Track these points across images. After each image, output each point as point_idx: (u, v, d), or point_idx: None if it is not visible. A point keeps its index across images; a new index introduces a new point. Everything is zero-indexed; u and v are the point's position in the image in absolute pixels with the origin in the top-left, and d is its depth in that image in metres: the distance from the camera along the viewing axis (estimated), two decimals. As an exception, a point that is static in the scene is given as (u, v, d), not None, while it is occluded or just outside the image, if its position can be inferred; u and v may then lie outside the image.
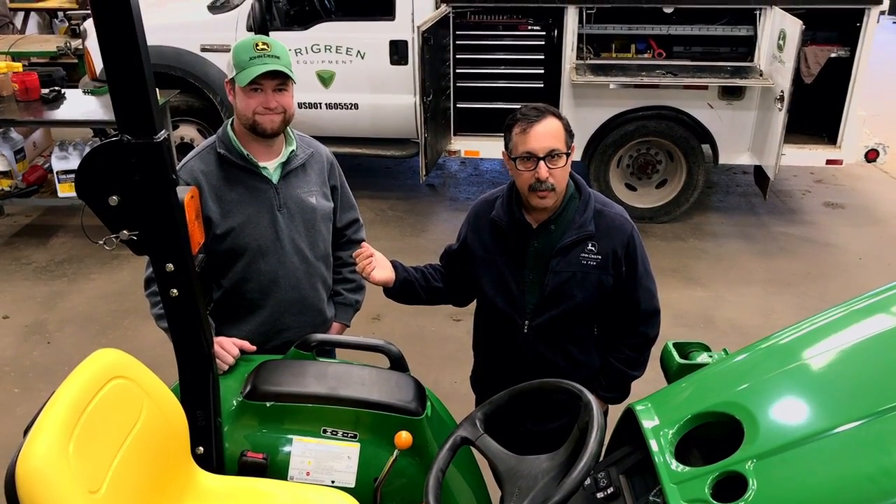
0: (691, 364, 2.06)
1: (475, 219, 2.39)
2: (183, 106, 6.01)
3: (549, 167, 2.12)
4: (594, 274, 2.24)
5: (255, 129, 2.33)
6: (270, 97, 2.30)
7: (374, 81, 5.88)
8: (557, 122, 2.16)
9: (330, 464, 2.05)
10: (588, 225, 2.23)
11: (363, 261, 2.26)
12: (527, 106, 2.19)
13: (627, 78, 5.56)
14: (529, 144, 2.13)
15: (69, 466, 1.47)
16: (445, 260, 2.49)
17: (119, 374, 1.72)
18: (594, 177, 5.92)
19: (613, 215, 2.28)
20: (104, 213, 1.71)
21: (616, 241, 2.25)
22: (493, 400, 1.85)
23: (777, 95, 5.20)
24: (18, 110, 5.43)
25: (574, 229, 2.23)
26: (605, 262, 2.24)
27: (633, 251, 2.27)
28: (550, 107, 2.21)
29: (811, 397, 1.64)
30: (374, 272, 2.25)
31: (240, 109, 2.33)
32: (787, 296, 5.00)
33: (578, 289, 2.25)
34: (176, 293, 1.80)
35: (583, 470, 1.45)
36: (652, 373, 2.43)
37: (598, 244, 2.23)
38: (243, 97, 2.30)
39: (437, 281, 2.44)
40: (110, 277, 5.16)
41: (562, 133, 2.16)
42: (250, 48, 2.27)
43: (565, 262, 2.23)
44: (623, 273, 2.27)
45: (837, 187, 6.77)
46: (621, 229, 2.26)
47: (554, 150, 2.13)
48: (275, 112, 2.32)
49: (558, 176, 2.15)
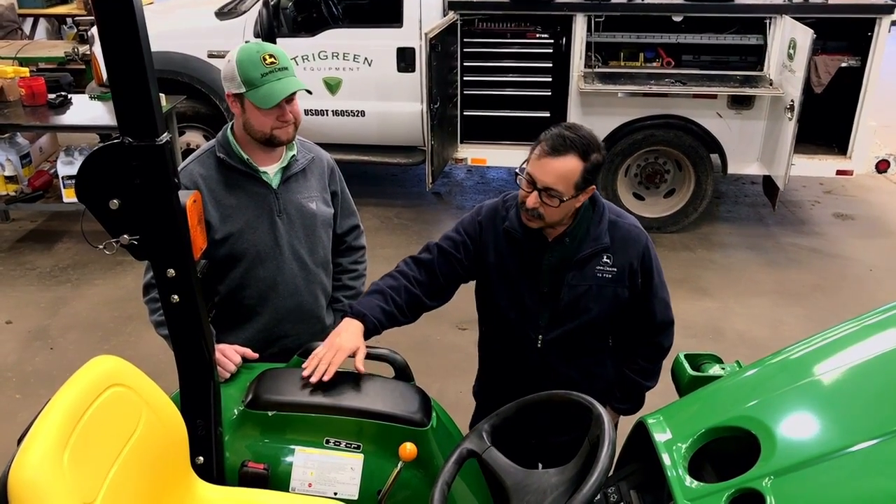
0: (703, 376, 2.01)
1: (482, 227, 2.29)
2: (189, 112, 5.98)
3: (541, 199, 2.07)
4: (610, 287, 2.20)
5: (272, 141, 2.32)
6: (286, 111, 2.28)
7: (381, 89, 5.85)
8: (577, 163, 2.05)
9: (333, 475, 2.01)
10: (603, 237, 2.19)
11: (318, 372, 2.06)
12: (563, 132, 2.06)
13: (636, 86, 5.53)
14: (535, 171, 2.08)
15: (63, 477, 1.43)
16: (435, 260, 2.29)
17: (117, 382, 1.68)
18: (602, 186, 5.87)
19: (628, 227, 2.24)
20: (104, 216, 1.68)
21: (632, 253, 2.21)
22: (501, 412, 1.80)
23: (787, 105, 5.15)
24: (25, 115, 5.42)
25: (590, 242, 2.19)
26: (620, 274, 2.20)
27: (648, 263, 2.24)
28: (586, 140, 2.07)
29: (828, 413, 1.58)
30: (335, 363, 2.07)
31: (254, 126, 2.29)
32: (797, 307, 4.94)
33: (594, 302, 2.21)
34: (177, 299, 1.77)
35: (594, 485, 1.40)
36: (661, 385, 2.38)
37: (614, 257, 2.20)
38: (259, 115, 2.26)
39: (416, 288, 2.25)
40: (114, 283, 5.13)
41: (574, 176, 2.05)
42: (258, 62, 2.21)
43: (581, 275, 2.20)
44: (639, 285, 2.24)
45: (847, 198, 6.71)
46: (636, 241, 2.23)
47: (552, 190, 2.05)
48: (289, 123, 2.31)
49: (548, 211, 2.09)
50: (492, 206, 2.32)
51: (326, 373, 2.06)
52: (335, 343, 2.12)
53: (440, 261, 2.28)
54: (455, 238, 2.31)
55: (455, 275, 2.31)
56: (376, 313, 2.19)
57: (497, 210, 2.30)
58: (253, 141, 2.33)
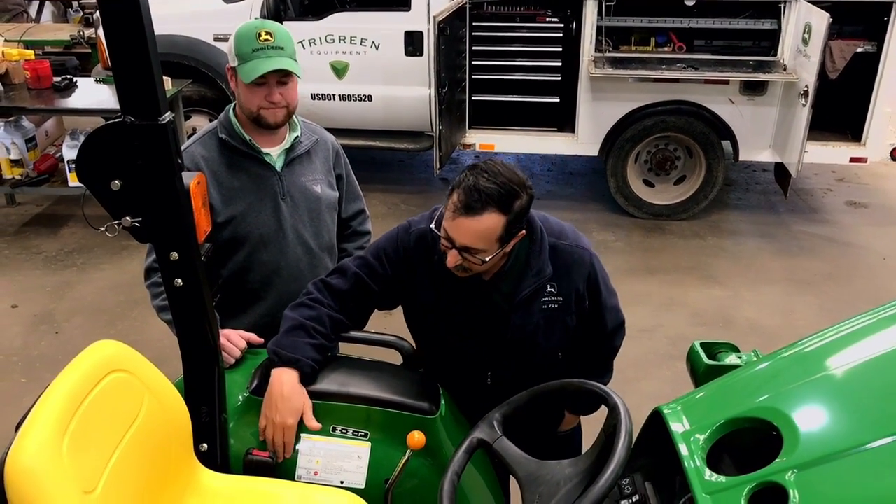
0: (720, 365, 1.96)
1: (411, 259, 2.04)
2: (195, 96, 5.95)
3: (463, 257, 1.85)
4: (558, 317, 2.05)
5: (259, 122, 2.27)
6: (274, 92, 2.22)
7: (388, 73, 5.78)
8: (497, 218, 1.80)
9: (339, 463, 1.97)
10: (545, 268, 1.99)
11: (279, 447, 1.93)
12: (478, 183, 1.80)
13: (647, 71, 5.44)
14: (451, 230, 1.84)
15: (62, 464, 1.38)
16: (351, 290, 2.07)
17: (118, 368, 1.63)
18: (611, 173, 5.82)
19: (570, 249, 2.04)
20: (106, 198, 1.64)
21: (576, 277, 2.04)
22: (512, 401, 1.75)
23: (801, 91, 5.07)
24: (30, 98, 5.37)
25: (531, 276, 1.99)
26: (566, 302, 2.04)
27: (594, 281, 2.07)
28: (506, 188, 1.80)
29: (852, 406, 1.53)
30: (289, 443, 1.93)
31: (244, 102, 2.26)
32: (809, 296, 4.88)
33: (543, 336, 2.07)
34: (180, 283, 1.73)
35: (610, 477, 1.35)
36: (668, 379, 2.33)
37: (558, 284, 2.02)
38: (246, 91, 2.23)
39: (336, 313, 2.05)
40: (120, 268, 5.10)
41: (495, 233, 1.82)
42: (252, 38, 2.17)
43: (526, 313, 2.02)
44: (586, 307, 2.09)
45: (860, 186, 6.62)
46: (580, 263, 2.04)
47: (471, 249, 1.83)
48: (278, 106, 2.24)
49: (474, 267, 1.88)
50: (420, 235, 2.04)
51: (285, 452, 1.93)
52: (276, 421, 1.90)
53: (355, 292, 2.07)
54: (374, 268, 2.06)
55: (371, 306, 2.13)
56: (308, 353, 1.96)
57: (426, 239, 2.03)
58: (254, 124, 2.29)
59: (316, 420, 1.96)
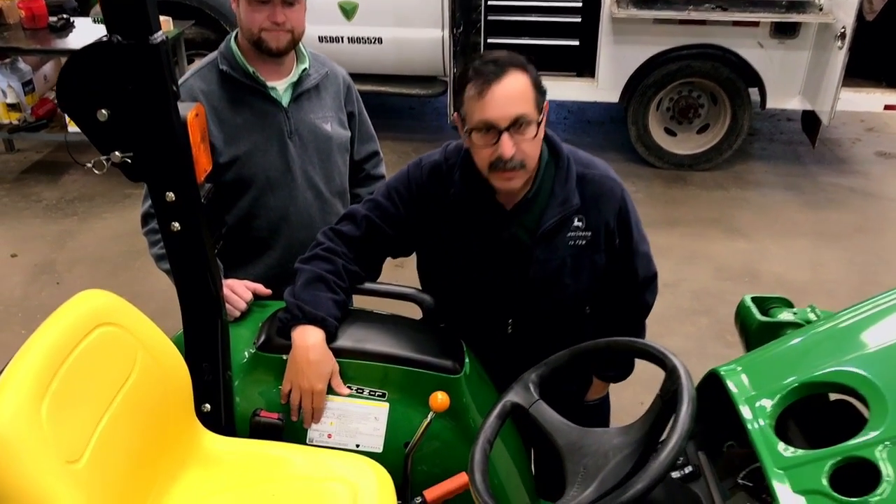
0: (774, 322, 1.77)
1: (425, 195, 1.88)
2: (198, 38, 5.71)
3: (514, 140, 1.67)
4: (586, 255, 1.87)
5: (260, 46, 2.06)
6: (278, 11, 2.01)
7: (399, 13, 5.51)
8: (524, 77, 1.68)
9: (355, 426, 1.81)
10: (572, 197, 1.81)
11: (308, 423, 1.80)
12: (483, 57, 1.70)
13: (673, 12, 5.16)
14: (488, 112, 1.65)
15: (41, 432, 1.21)
16: (362, 236, 1.92)
17: (106, 321, 1.45)
18: (632, 121, 5.58)
19: (600, 179, 1.86)
20: (92, 129, 1.45)
21: (607, 210, 1.86)
22: (551, 361, 1.57)
23: (838, 32, 4.80)
24: (25, 38, 5.16)
25: (556, 206, 1.81)
26: (596, 238, 1.86)
27: (626, 218, 1.89)
28: (515, 56, 1.71)
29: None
30: (318, 409, 1.78)
31: (244, 23, 2.06)
32: (837, 249, 4.69)
33: (570, 276, 1.88)
34: (178, 227, 1.55)
35: (674, 449, 1.17)
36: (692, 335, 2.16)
37: (587, 218, 1.84)
38: (248, 9, 2.02)
39: (352, 265, 1.90)
40: (122, 217, 4.95)
41: (530, 92, 1.68)
42: None
43: (551, 248, 1.84)
44: (617, 246, 1.90)
45: (890, 136, 6.37)
46: (611, 195, 1.86)
47: (521, 118, 1.66)
48: (282, 28, 2.04)
49: (528, 150, 1.70)
50: (433, 166, 1.89)
51: (314, 419, 1.79)
52: (304, 387, 1.76)
53: (369, 238, 1.92)
54: (387, 209, 1.90)
55: (385, 253, 1.98)
56: (332, 310, 1.81)
57: (440, 171, 1.88)
58: (257, 52, 2.09)
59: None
